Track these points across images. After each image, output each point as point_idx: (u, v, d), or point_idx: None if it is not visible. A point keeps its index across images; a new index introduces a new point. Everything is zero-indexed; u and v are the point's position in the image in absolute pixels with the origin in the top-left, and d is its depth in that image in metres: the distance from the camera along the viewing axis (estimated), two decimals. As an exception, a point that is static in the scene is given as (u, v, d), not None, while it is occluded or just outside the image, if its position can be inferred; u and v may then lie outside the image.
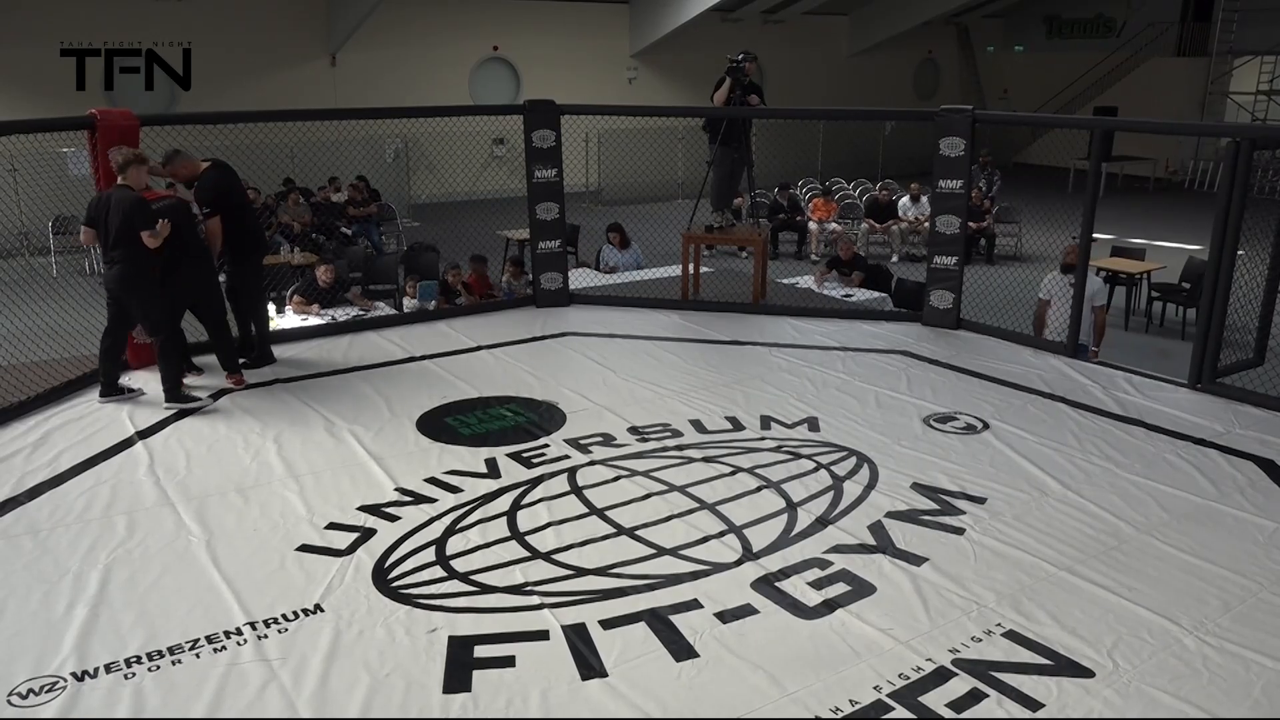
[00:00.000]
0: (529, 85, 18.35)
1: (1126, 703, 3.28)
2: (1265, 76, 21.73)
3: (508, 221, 11.98)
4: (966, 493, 4.85)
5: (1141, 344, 9.53)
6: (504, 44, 18.83)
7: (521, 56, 18.98)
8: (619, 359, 6.98)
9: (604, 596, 3.91)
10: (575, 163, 10.60)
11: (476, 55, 18.77)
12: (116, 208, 5.67)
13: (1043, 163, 21.66)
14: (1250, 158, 6.05)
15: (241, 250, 6.63)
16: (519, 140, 8.29)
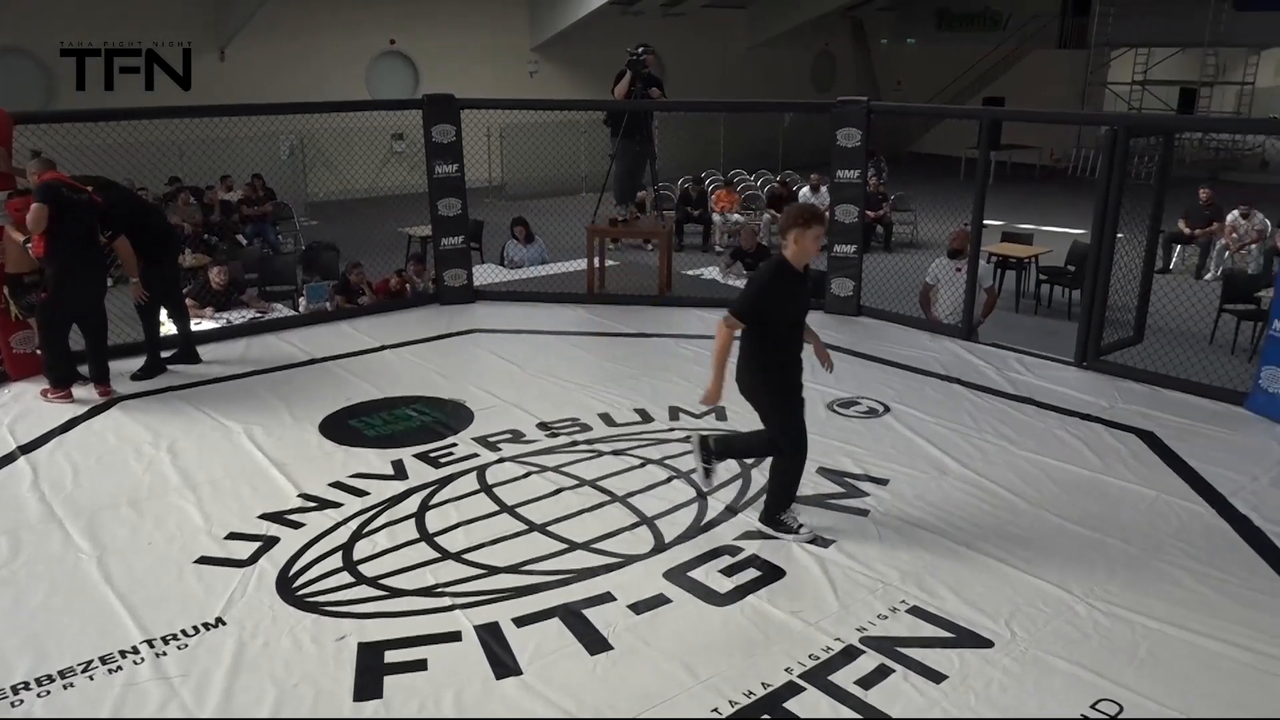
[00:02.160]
0: (428, 79, 18.05)
1: (1024, 670, 3.42)
2: (1139, 67, 22.78)
3: (410, 218, 11.78)
4: (870, 475, 4.97)
5: (1031, 325, 9.89)
6: (401, 38, 18.49)
7: (419, 50, 18.67)
8: (526, 355, 6.94)
9: (516, 594, 3.89)
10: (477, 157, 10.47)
11: (373, 49, 18.39)
12: None
13: (936, 152, 22.28)
14: (1127, 145, 6.34)
15: (150, 256, 6.38)
16: (419, 135, 8.16)
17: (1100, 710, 3.20)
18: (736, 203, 15.19)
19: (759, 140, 20.23)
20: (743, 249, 10.59)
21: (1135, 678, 3.36)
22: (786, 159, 19.44)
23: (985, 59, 23.81)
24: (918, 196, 14.87)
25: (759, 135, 20.29)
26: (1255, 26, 20.65)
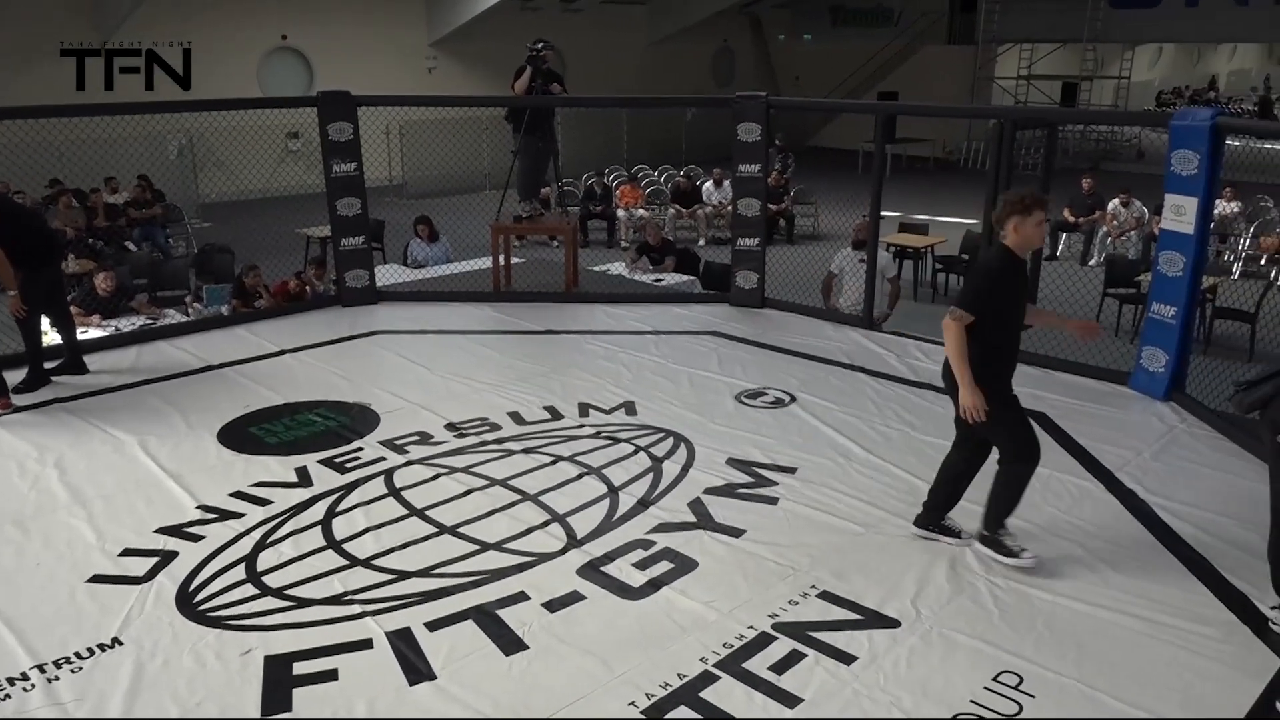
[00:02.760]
0: (322, 76, 17.61)
1: (930, 647, 3.52)
2: (1024, 62, 23.65)
3: (308, 219, 11.49)
4: (778, 464, 5.05)
5: (929, 313, 10.15)
6: (293, 33, 17.99)
7: (313, 46, 18.19)
8: (432, 355, 6.84)
9: (428, 598, 3.84)
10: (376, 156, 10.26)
11: (264, 45, 17.85)
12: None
13: (835, 146, 22.77)
14: (1013, 137, 6.58)
15: (29, 264, 6.04)
16: (315, 134, 7.97)
17: (1002, 682, 3.32)
18: (641, 198, 15.24)
19: (662, 135, 20.33)
20: (648, 244, 10.63)
21: (1034, 649, 3.50)
22: (690, 154, 19.59)
23: (879, 55, 24.41)
24: (818, 189, 15.17)
25: (662, 130, 20.39)
26: (1129, 23, 21.65)
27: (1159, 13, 21.16)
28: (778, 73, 26.45)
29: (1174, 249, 5.75)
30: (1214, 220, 8.65)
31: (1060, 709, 3.20)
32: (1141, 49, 27.50)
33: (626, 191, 15.16)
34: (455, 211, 10.39)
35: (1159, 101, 31.13)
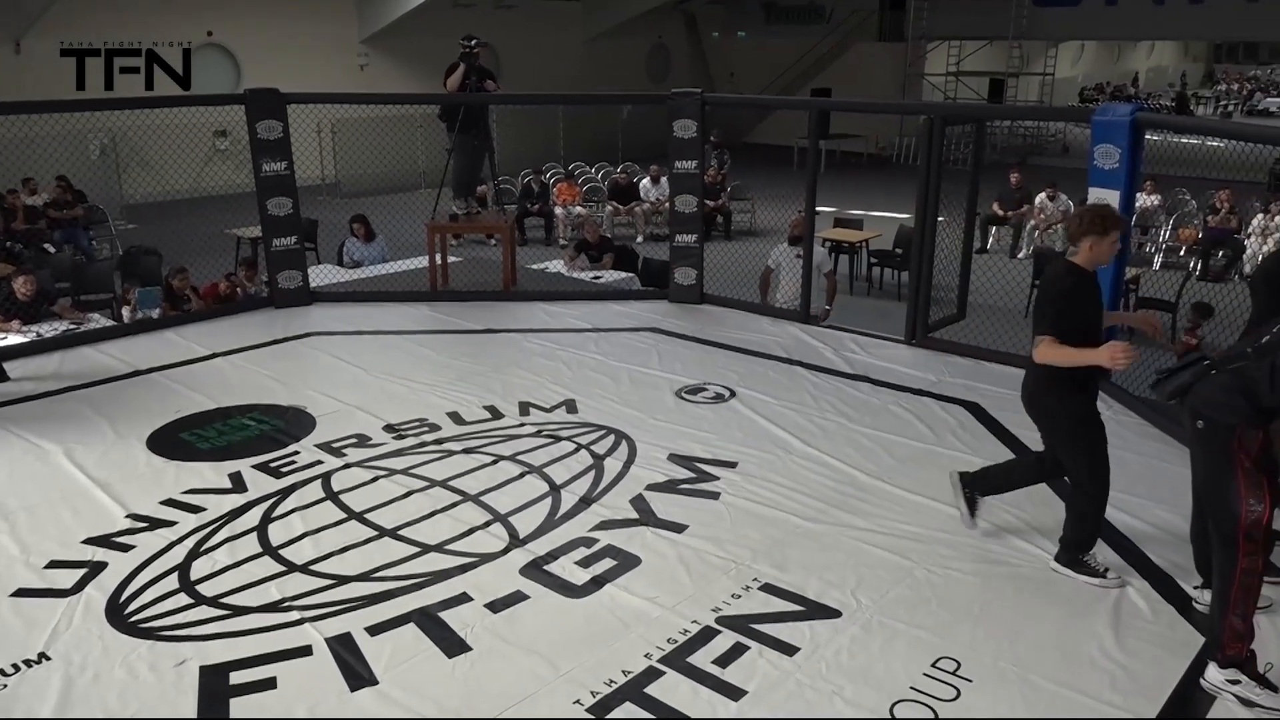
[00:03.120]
0: (250, 74, 17.24)
1: (870, 636, 3.58)
2: (953, 59, 24.13)
3: (238, 219, 11.25)
4: (719, 459, 5.09)
5: (864, 306, 10.36)
6: (219, 30, 17.58)
7: (240, 43, 17.81)
8: (369, 356, 6.75)
9: (369, 602, 3.79)
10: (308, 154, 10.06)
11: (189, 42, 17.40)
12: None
13: (770, 142, 22.96)
14: (943, 133, 6.70)
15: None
16: (243, 132, 7.80)
17: (940, 668, 3.39)
18: (578, 195, 15.22)
19: (599, 132, 20.31)
20: (586, 241, 10.62)
21: (971, 635, 3.58)
22: (627, 151, 19.60)
23: (812, 52, 24.68)
24: (754, 185, 15.30)
25: (599, 128, 20.37)
26: (1052, 21, 22.21)
27: (1080, 11, 21.75)
28: (713, 69, 26.60)
29: (1098, 241, 5.90)
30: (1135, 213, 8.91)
31: (996, 692, 3.27)
32: (1064, 46, 28.21)
33: (564, 189, 15.12)
34: (390, 210, 10.25)
35: (1082, 97, 32.02)
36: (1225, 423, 3.17)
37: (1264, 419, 3.18)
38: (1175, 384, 3.32)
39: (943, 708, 3.19)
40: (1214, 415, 3.20)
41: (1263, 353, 3.16)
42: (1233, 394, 3.17)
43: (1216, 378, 3.24)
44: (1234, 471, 3.15)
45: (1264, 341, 3.19)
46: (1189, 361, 3.34)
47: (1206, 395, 3.24)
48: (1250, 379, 3.15)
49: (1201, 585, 3.71)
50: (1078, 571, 3.94)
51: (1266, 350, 3.16)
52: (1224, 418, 3.17)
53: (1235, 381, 3.18)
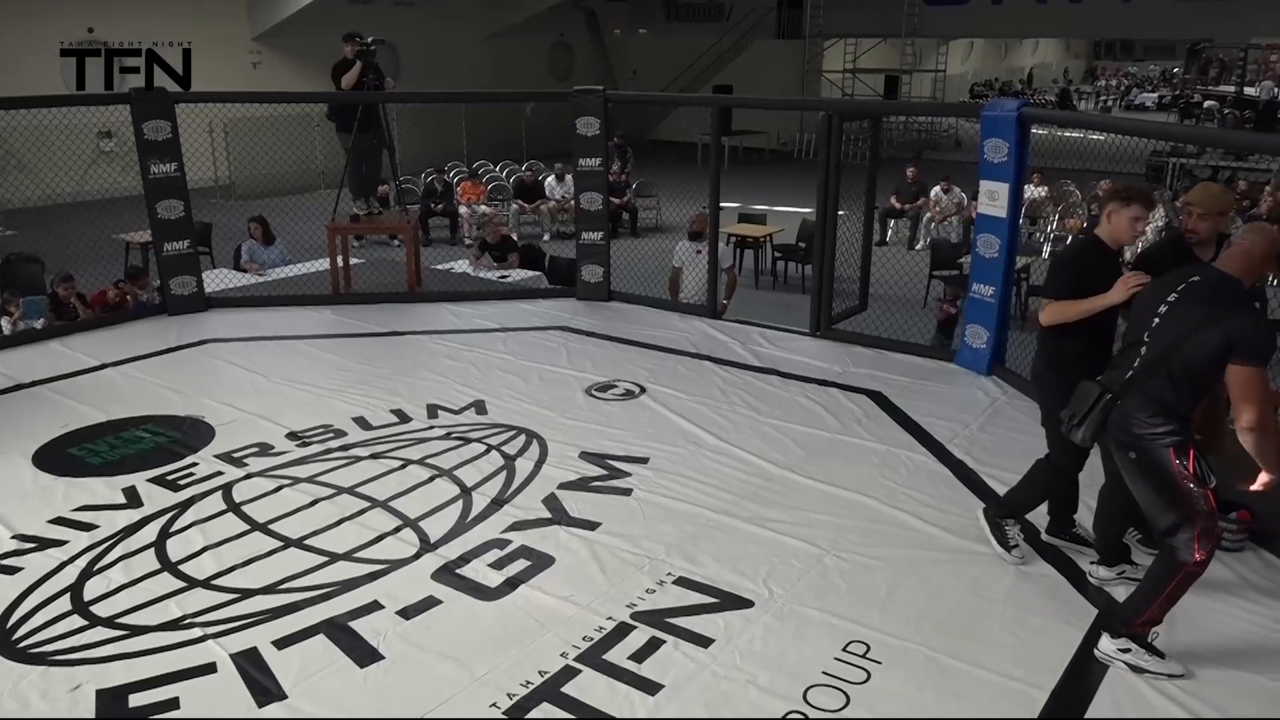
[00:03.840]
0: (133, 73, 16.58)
1: (783, 624, 3.64)
2: (849, 56, 24.67)
3: (126, 223, 10.80)
4: (631, 455, 5.10)
5: (770, 300, 10.51)
6: (100, 26, 16.85)
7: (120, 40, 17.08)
8: (269, 362, 6.56)
9: (275, 615, 3.69)
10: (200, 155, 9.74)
11: (69, 39, 16.63)
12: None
13: (674, 139, 23.11)
14: (841, 129, 6.84)
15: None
16: (129, 133, 7.49)
17: (851, 652, 3.47)
18: (483, 194, 15.08)
19: (502, 130, 20.15)
20: (487, 242, 10.54)
21: (879, 618, 3.67)
22: (531, 149, 19.49)
23: (712, 49, 24.92)
24: (659, 182, 15.38)
25: (502, 125, 20.21)
26: (942, 20, 22.90)
27: (968, 10, 22.48)
28: (615, 67, 26.64)
29: (990, 232, 6.12)
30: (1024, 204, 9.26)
31: (905, 672, 3.36)
32: (954, 44, 29.10)
33: (468, 188, 14.97)
34: (289, 212, 9.97)
35: (972, 93, 33.07)
36: (1160, 446, 3.17)
37: (1189, 427, 3.21)
38: (1090, 426, 3.33)
39: (854, 690, 3.27)
40: (1144, 445, 3.21)
41: (1153, 366, 3.19)
42: (1155, 418, 3.17)
43: (1126, 405, 3.25)
44: (1177, 489, 3.16)
45: (1145, 354, 3.23)
46: (1085, 407, 3.34)
47: (1128, 426, 3.24)
48: (1156, 399, 3.17)
49: (1097, 561, 3.87)
50: (993, 533, 4.03)
51: (1154, 363, 3.19)
52: (1156, 444, 3.18)
53: (1150, 406, 3.19)
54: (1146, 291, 3.39)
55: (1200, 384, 3.15)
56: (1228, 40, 26.59)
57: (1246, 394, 3.02)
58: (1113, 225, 3.71)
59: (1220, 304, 3.11)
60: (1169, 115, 28.58)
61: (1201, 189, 4.17)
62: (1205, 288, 3.19)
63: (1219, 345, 3.04)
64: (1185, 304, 3.18)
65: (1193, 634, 3.51)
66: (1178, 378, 3.14)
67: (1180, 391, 3.15)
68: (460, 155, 18.67)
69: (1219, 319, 3.06)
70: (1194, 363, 3.10)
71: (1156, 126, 7.10)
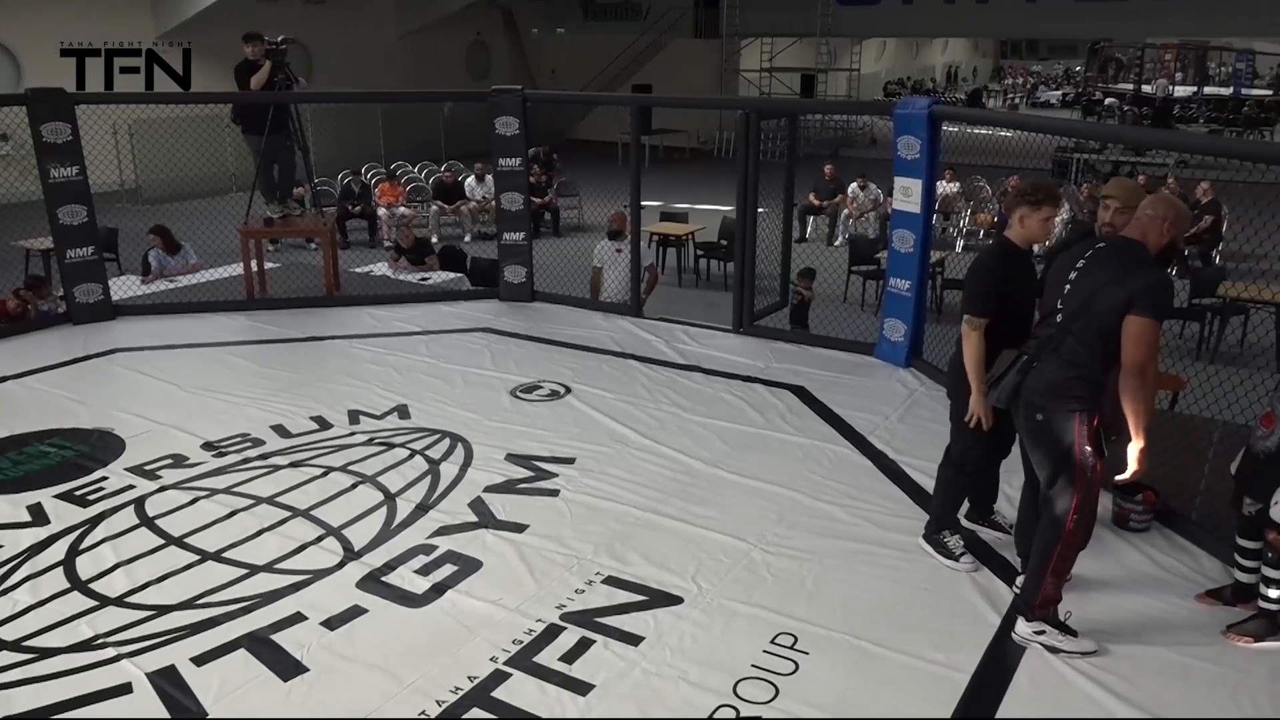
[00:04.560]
0: (33, 73, 15.92)
1: (711, 619, 3.66)
2: (766, 56, 24.96)
3: (24, 229, 10.36)
4: (557, 456, 5.08)
5: (693, 298, 10.56)
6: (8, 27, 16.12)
7: (20, 40, 16.40)
8: (182, 371, 6.37)
9: (193, 631, 3.59)
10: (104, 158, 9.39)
11: (-42, 38, 15.91)
12: None
13: (594, 138, 23.07)
14: (759, 127, 6.91)
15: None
16: (26, 135, 7.20)
17: (779, 644, 3.51)
18: (402, 195, 14.85)
19: (420, 131, 19.87)
20: (400, 246, 10.40)
21: (806, 609, 3.72)
22: (450, 149, 19.27)
23: (631, 48, 24.97)
24: (580, 182, 15.34)
25: (420, 126, 19.93)
26: (855, 19, 23.31)
27: (880, 10, 22.92)
28: (533, 66, 26.49)
29: (905, 228, 6.25)
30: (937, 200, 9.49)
31: (832, 661, 3.42)
32: (868, 43, 29.67)
33: (386, 189, 14.72)
34: (200, 216, 9.70)
35: (886, 92, 33.74)
36: (1066, 410, 3.29)
37: (1100, 395, 3.31)
38: (1006, 388, 3.44)
39: (783, 681, 3.31)
40: (1053, 406, 3.31)
41: (1068, 326, 3.30)
42: (1068, 381, 3.28)
43: (1042, 369, 3.36)
44: (1073, 455, 3.28)
45: (1061, 319, 3.34)
46: (1004, 367, 3.48)
47: (1042, 388, 3.35)
48: (1072, 360, 3.28)
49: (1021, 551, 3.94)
50: (936, 551, 4.05)
51: (1069, 323, 3.30)
52: (1064, 406, 3.29)
53: (1064, 368, 3.29)
54: (1057, 265, 3.50)
55: (1110, 339, 3.22)
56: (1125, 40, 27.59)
57: (1138, 343, 3.13)
58: (1025, 228, 3.75)
59: (1125, 262, 3.23)
60: (1072, 112, 29.59)
61: (1118, 183, 4.30)
62: (1111, 252, 3.32)
63: (1124, 301, 3.15)
64: (1093, 267, 3.30)
65: (1104, 611, 3.64)
66: (1089, 337, 3.25)
67: (1093, 351, 3.26)
68: (378, 156, 18.36)
69: (1124, 277, 3.18)
70: (1102, 320, 3.21)
71: (1061, 123, 7.32)
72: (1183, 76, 29.14)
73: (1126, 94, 27.10)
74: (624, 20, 25.62)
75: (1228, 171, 10.87)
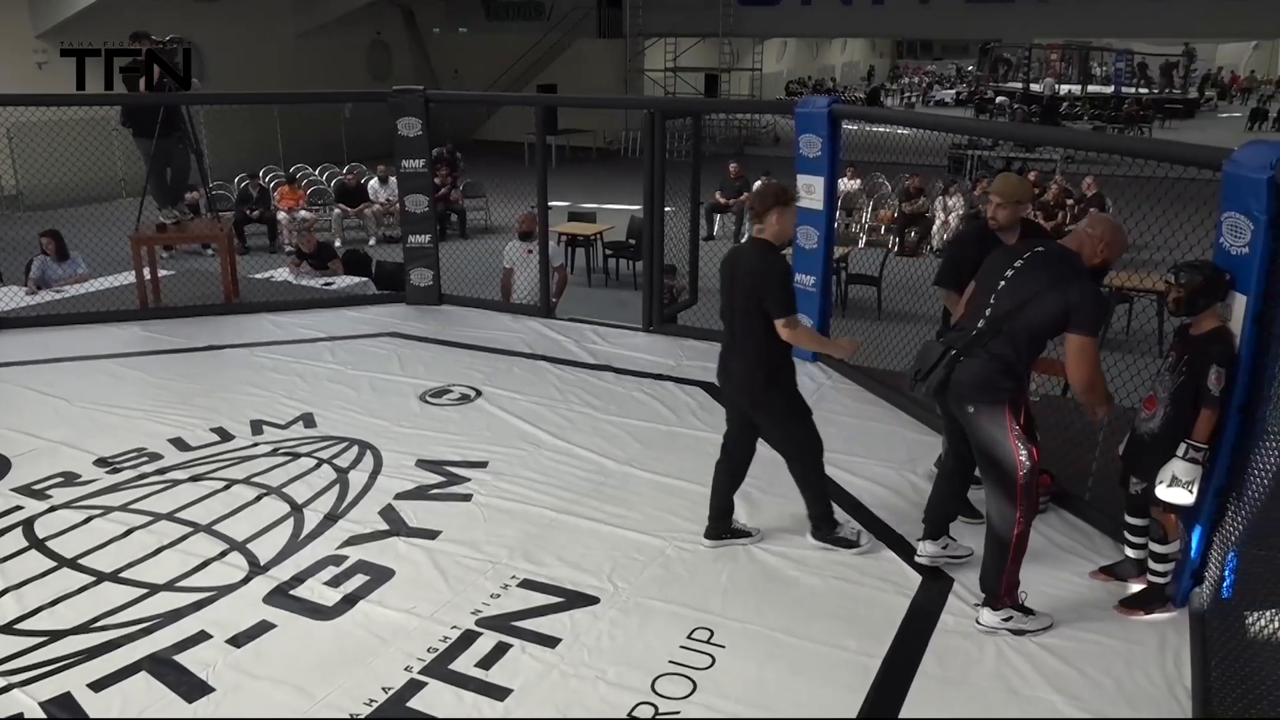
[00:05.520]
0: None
1: (628, 617, 3.68)
2: (670, 55, 25.13)
3: (-106, 240, 9.80)
4: (468, 460, 5.03)
5: (603, 297, 10.59)
6: None
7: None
8: (71, 385, 6.09)
9: (90, 655, 3.44)
10: (-21, 164, 8.94)
11: None
12: None
13: (499, 139, 22.90)
14: (664, 126, 6.95)
15: None
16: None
17: (695, 639, 3.54)
18: (302, 199, 14.52)
19: (320, 132, 19.43)
20: (301, 250, 10.17)
21: (721, 603, 3.76)
22: (352, 151, 18.88)
23: (534, 48, 24.86)
24: (486, 183, 15.22)
25: (320, 127, 19.49)
26: (756, 20, 23.67)
27: (780, 10, 23.32)
28: (436, 66, 26.15)
29: (809, 224, 6.35)
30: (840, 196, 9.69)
31: (747, 654, 3.46)
32: (769, 43, 30.12)
33: (286, 192, 14.39)
34: (87, 223, 9.27)
35: (788, 91, 34.30)
36: (995, 401, 3.42)
37: (1023, 387, 3.48)
38: (934, 381, 3.54)
39: (700, 676, 3.34)
40: (982, 399, 3.44)
41: (997, 324, 3.43)
42: (994, 374, 3.43)
43: (969, 364, 3.47)
44: (1009, 443, 3.41)
45: (990, 315, 3.47)
46: (933, 360, 3.56)
47: (970, 382, 3.47)
48: (999, 355, 3.42)
49: (923, 537, 4.07)
50: (837, 545, 4.11)
51: (998, 322, 3.43)
52: (992, 398, 3.42)
53: (991, 362, 3.43)
54: (989, 263, 3.66)
55: (1038, 343, 3.47)
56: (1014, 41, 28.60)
57: (1080, 361, 3.37)
58: (781, 226, 3.85)
59: (1063, 273, 3.42)
60: (966, 110, 30.52)
61: (1001, 179, 4.48)
62: (1048, 258, 3.49)
63: (1060, 309, 3.34)
64: (1030, 270, 3.47)
65: (1006, 593, 3.76)
66: (1019, 336, 3.42)
67: (1019, 349, 3.43)
68: (276, 159, 17.89)
69: (1062, 286, 3.36)
70: (1035, 322, 3.40)
71: (956, 121, 7.55)
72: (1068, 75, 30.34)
73: (1016, 92, 28.07)
74: (527, 20, 25.49)
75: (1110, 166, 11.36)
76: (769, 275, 3.81)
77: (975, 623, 3.59)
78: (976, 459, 3.60)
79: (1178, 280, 3.41)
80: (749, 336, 3.89)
